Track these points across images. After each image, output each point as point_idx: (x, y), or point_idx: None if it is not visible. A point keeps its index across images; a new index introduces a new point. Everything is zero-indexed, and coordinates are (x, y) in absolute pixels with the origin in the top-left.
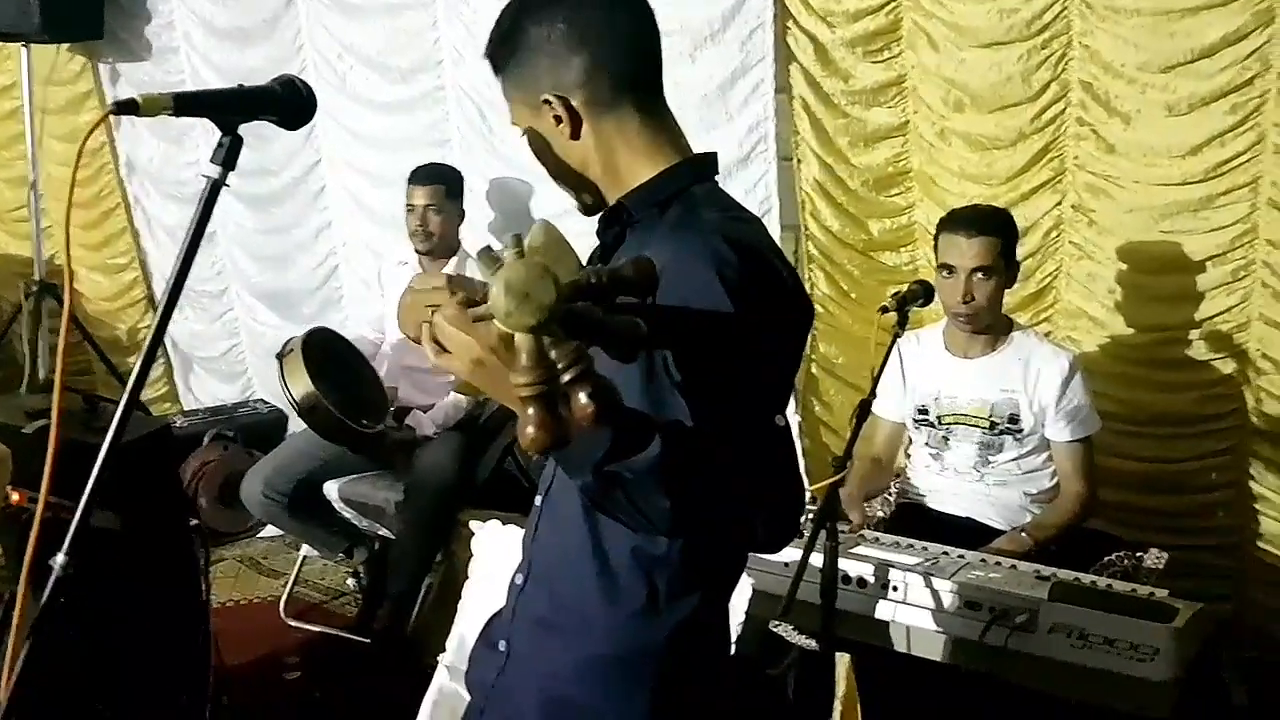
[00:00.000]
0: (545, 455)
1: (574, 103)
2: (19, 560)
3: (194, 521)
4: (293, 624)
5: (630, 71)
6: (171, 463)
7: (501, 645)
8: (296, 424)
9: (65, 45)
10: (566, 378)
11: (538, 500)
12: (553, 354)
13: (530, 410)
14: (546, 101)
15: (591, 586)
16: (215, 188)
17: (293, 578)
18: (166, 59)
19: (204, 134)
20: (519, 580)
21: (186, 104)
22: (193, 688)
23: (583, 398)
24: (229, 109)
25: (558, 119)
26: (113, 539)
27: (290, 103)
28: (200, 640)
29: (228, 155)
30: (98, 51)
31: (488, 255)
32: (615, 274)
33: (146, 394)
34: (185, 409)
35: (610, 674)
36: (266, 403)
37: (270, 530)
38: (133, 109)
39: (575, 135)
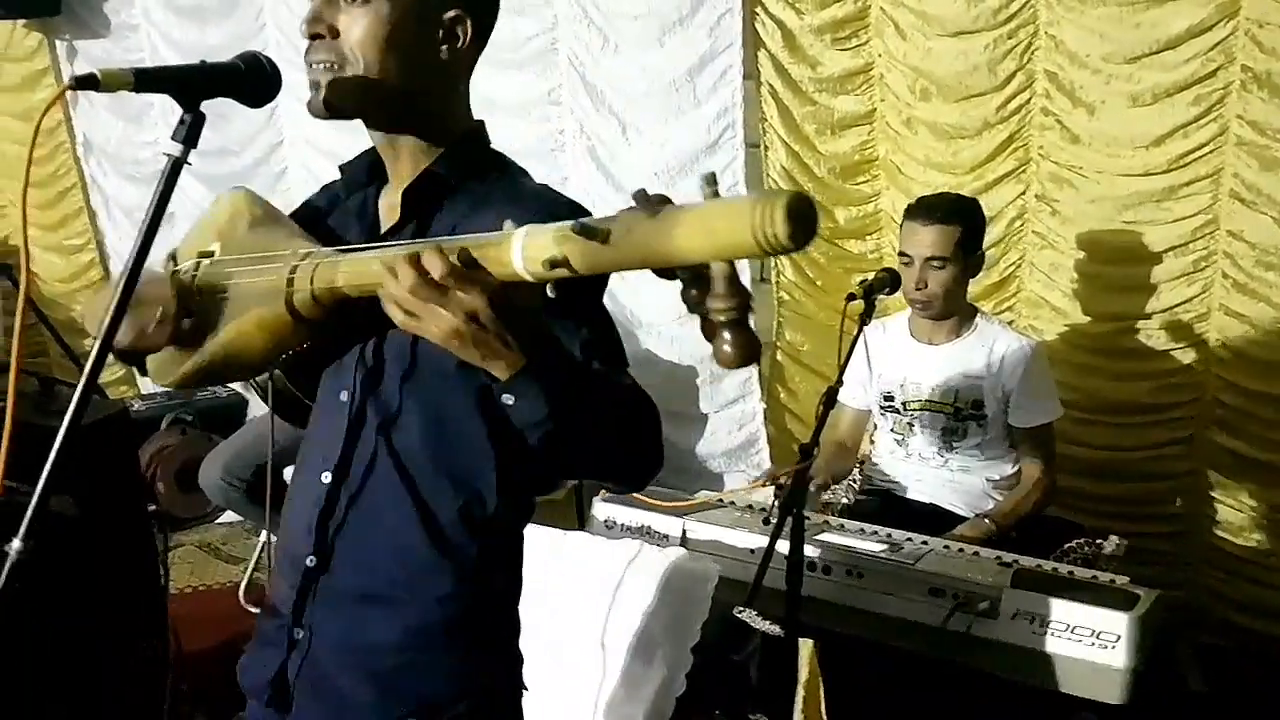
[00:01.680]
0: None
1: (470, 25)
2: None
3: (152, 507)
4: (252, 610)
5: (492, 24)
6: (130, 447)
7: (298, 633)
8: (256, 408)
9: (21, 21)
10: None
11: (325, 478)
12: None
13: (728, 333)
14: (455, 16)
15: (419, 553)
16: (177, 166)
17: (252, 563)
18: (125, 36)
19: (162, 113)
20: (310, 562)
21: (148, 80)
22: (151, 673)
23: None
24: (191, 85)
25: (451, 34)
26: (69, 524)
27: (254, 79)
28: (158, 626)
29: (189, 132)
30: (54, 28)
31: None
32: None
33: (103, 376)
34: (143, 392)
35: (443, 639)
36: (227, 387)
37: (229, 516)
38: (93, 84)
39: (453, 55)
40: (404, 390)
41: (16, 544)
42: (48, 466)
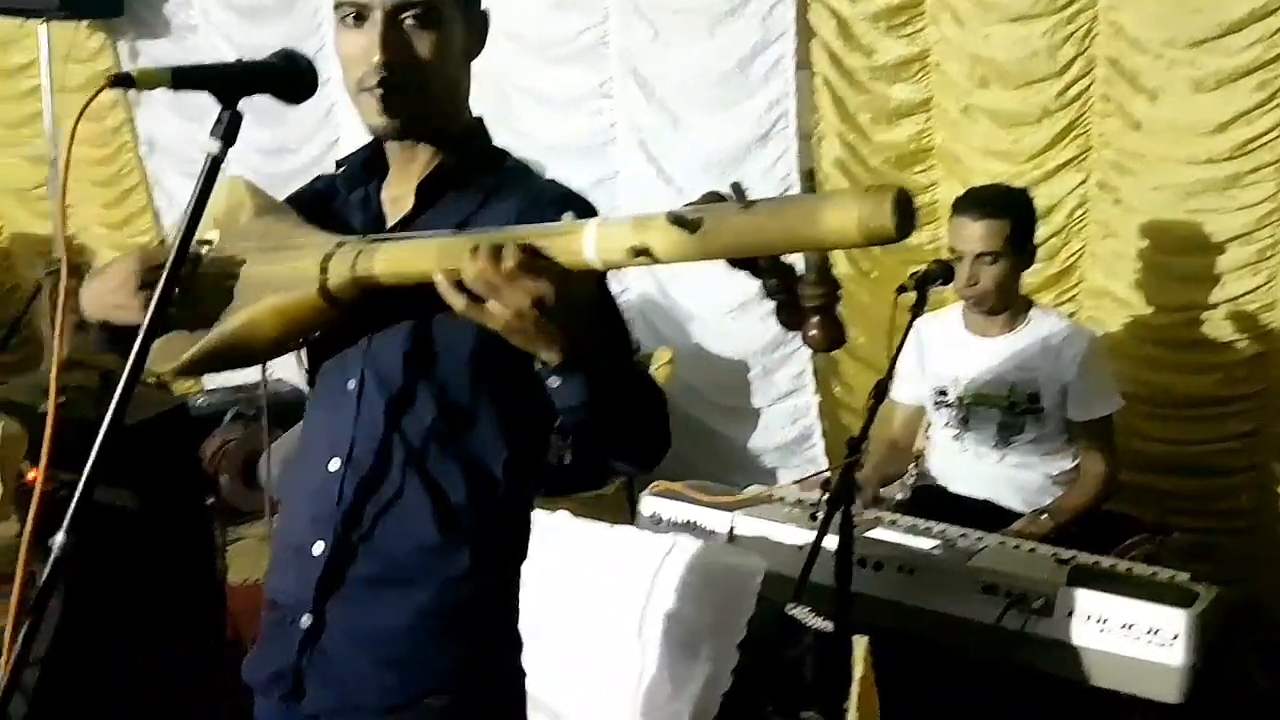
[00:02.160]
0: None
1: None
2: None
3: (210, 500)
4: None
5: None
6: (188, 441)
7: (306, 621)
8: None
9: (85, 22)
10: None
11: (333, 465)
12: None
13: (817, 318)
14: (482, 15)
15: (429, 537)
16: (215, 163)
17: None
18: (185, 36)
19: None
20: (318, 550)
21: (184, 78)
22: (208, 665)
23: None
24: (229, 83)
25: (479, 34)
26: (129, 518)
27: (291, 77)
28: (216, 619)
29: (228, 130)
30: (117, 28)
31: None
32: None
33: None
34: (207, 387)
35: (454, 622)
36: (285, 381)
37: None
38: (129, 83)
39: (472, 56)
40: (414, 376)
41: (60, 537)
42: (91, 458)
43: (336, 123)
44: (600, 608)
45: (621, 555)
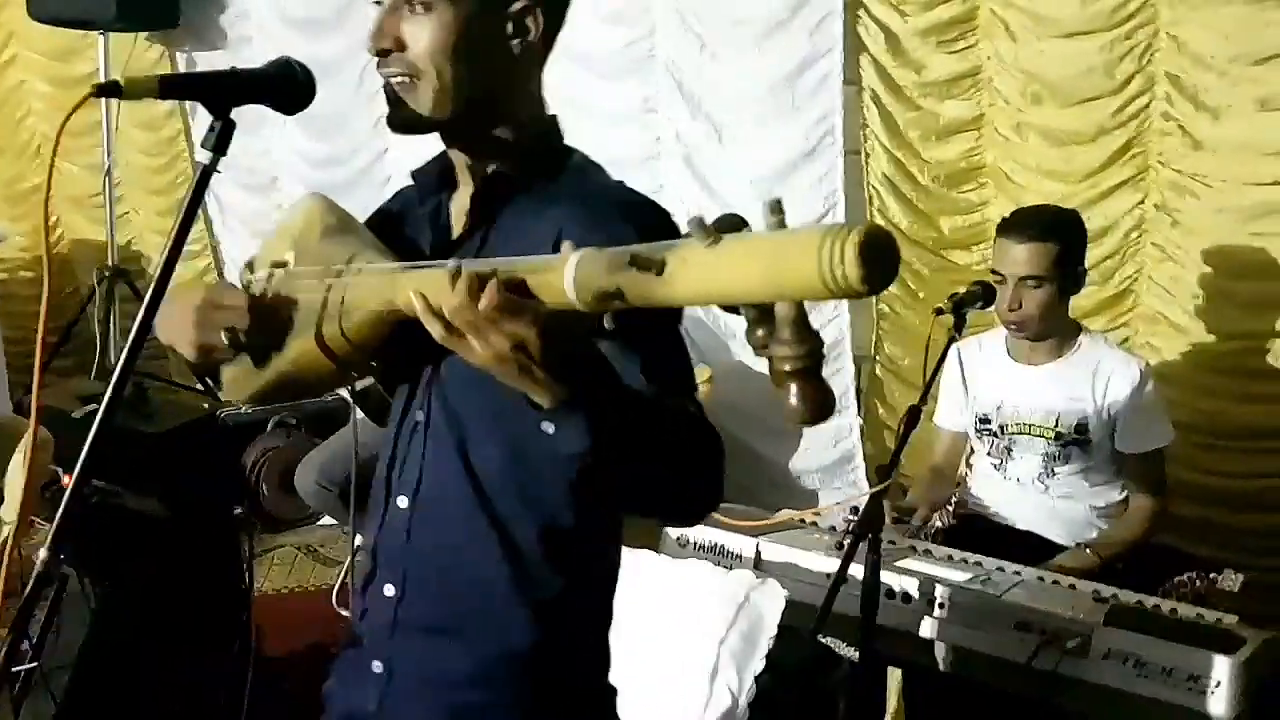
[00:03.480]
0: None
1: (541, 16)
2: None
3: (239, 509)
4: (344, 613)
5: (565, 7)
6: (217, 450)
7: (377, 666)
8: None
9: (143, 34)
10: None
11: (401, 503)
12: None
13: (794, 385)
14: (525, 6)
15: (497, 580)
16: (206, 174)
17: (346, 566)
18: (241, 49)
19: (276, 124)
20: (389, 591)
21: (173, 87)
22: (233, 675)
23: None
24: (219, 92)
25: (521, 26)
26: (157, 526)
27: (285, 86)
28: (242, 628)
29: (219, 140)
30: (175, 40)
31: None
32: None
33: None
34: None
35: (524, 673)
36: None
37: (329, 519)
38: (116, 91)
39: (526, 49)
40: (478, 410)
41: (43, 554)
42: (80, 462)
43: (386, 133)
44: (617, 634)
45: (642, 580)
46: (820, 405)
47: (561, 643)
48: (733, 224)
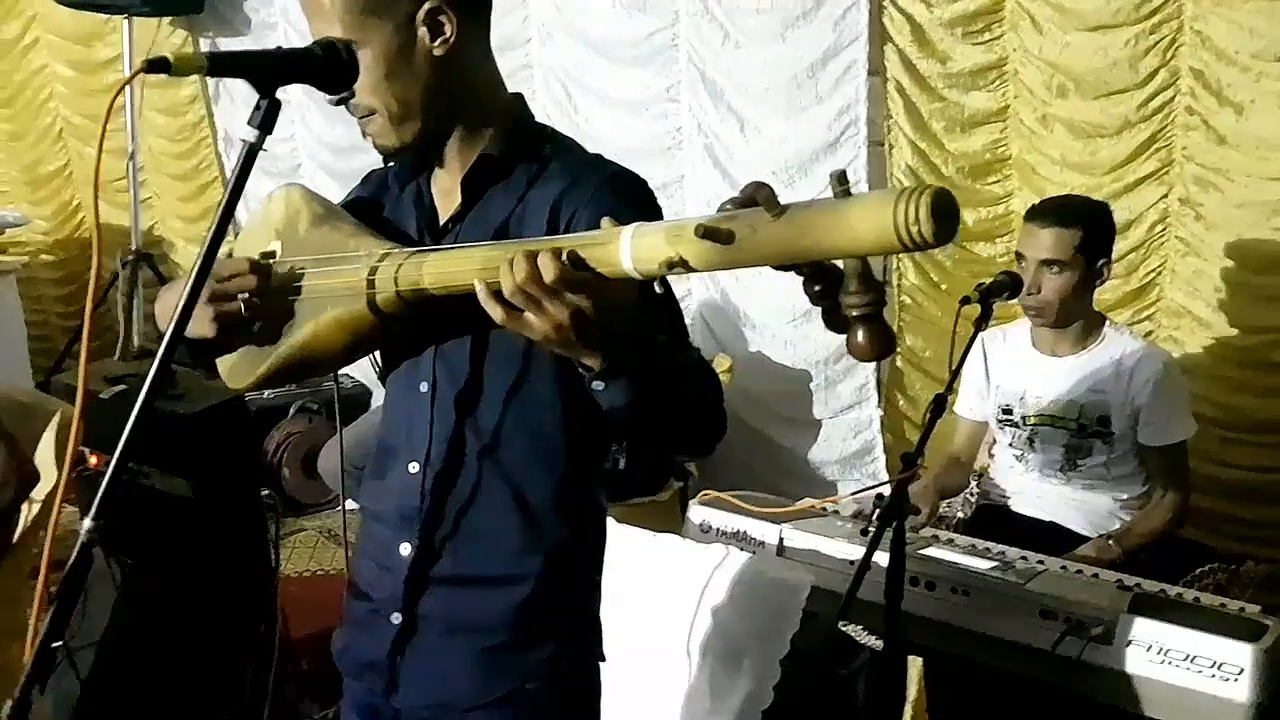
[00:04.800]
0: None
1: (451, 10)
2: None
3: (265, 491)
4: None
5: None
6: (244, 432)
7: (396, 618)
8: (379, 398)
9: (167, 19)
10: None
11: (413, 468)
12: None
13: (862, 328)
14: (432, 10)
15: (509, 532)
16: (252, 152)
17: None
18: (265, 34)
19: (298, 109)
20: (405, 550)
21: (222, 64)
22: (259, 655)
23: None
24: (267, 71)
25: (437, 28)
26: (184, 506)
27: (331, 66)
28: (268, 609)
29: (265, 119)
30: (199, 25)
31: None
32: None
33: None
34: None
35: (543, 615)
36: (352, 377)
37: (353, 503)
38: (164, 68)
39: (451, 46)
40: (485, 376)
41: (88, 523)
42: (121, 444)
43: None
44: (641, 617)
45: (666, 564)
46: (885, 343)
47: (568, 583)
48: (768, 196)
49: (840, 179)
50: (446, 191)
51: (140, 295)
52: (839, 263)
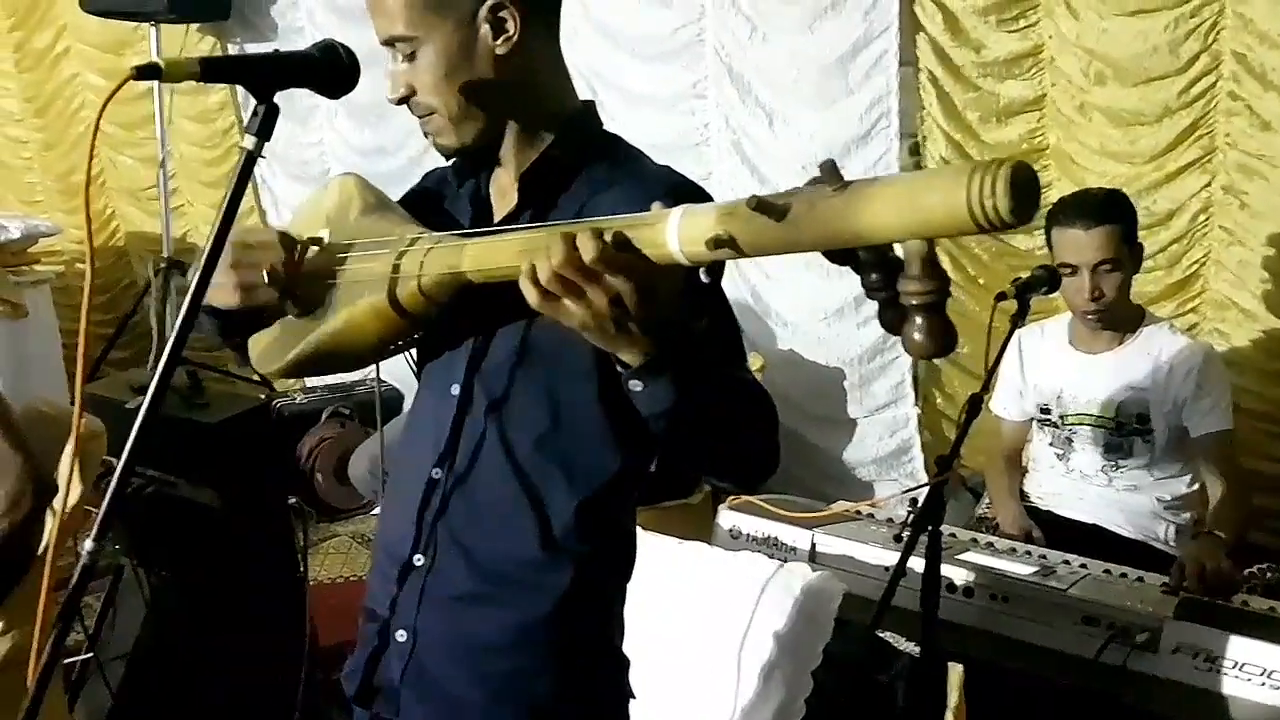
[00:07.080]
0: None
1: (515, 7)
2: (126, 531)
3: (294, 499)
4: None
5: None
6: (271, 439)
7: (402, 635)
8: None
9: (195, 25)
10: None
11: (435, 473)
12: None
13: (921, 319)
14: (495, 6)
15: (528, 549)
16: (250, 159)
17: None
18: (292, 39)
19: (327, 115)
20: (419, 561)
21: (215, 70)
22: (288, 664)
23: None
24: (262, 76)
25: (499, 26)
26: (212, 515)
27: (330, 69)
28: (296, 618)
29: (263, 125)
30: (226, 31)
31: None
32: None
33: None
34: (306, 385)
35: (553, 642)
36: (384, 381)
37: None
38: (155, 74)
39: (514, 45)
40: (518, 382)
41: (89, 545)
42: (126, 452)
43: None
44: (665, 629)
45: (691, 573)
46: (947, 338)
47: (586, 609)
48: (830, 168)
49: (913, 149)
50: (504, 190)
51: (173, 303)
52: (898, 251)
